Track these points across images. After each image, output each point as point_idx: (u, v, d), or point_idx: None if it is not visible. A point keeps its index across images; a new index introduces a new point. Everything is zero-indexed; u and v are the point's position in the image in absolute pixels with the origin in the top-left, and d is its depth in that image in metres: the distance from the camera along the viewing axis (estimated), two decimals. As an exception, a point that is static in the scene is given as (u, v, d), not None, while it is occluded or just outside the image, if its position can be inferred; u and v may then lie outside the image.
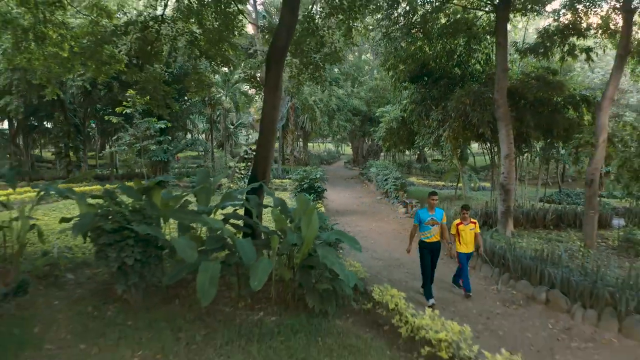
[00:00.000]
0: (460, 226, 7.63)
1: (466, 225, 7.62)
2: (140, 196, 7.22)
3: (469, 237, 7.59)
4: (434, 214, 7.28)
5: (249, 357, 5.39)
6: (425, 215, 7.27)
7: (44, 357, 5.26)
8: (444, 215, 7.44)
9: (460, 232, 7.62)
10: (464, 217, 7.61)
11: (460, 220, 7.67)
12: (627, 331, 5.97)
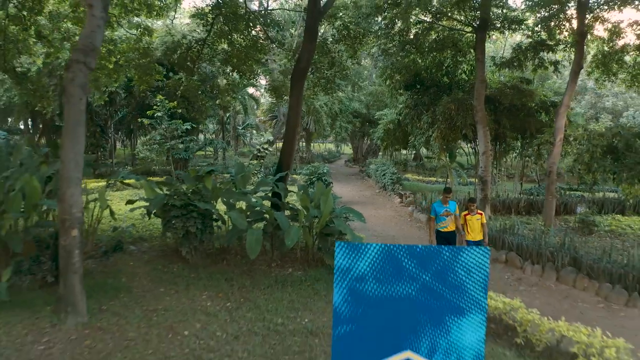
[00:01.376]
0: (467, 217, 8.18)
1: (473, 215, 8.16)
2: (196, 182, 9.15)
3: (476, 226, 8.13)
4: (447, 206, 8.11)
5: (285, 294, 7.34)
6: (440, 208, 8.10)
7: (135, 297, 7.16)
8: (457, 207, 8.26)
9: (467, 222, 8.16)
10: (471, 209, 8.16)
11: (467, 212, 8.24)
12: (562, 279, 7.93)
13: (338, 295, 2.80)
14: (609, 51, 15.49)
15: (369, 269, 2.78)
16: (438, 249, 2.82)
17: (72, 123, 5.86)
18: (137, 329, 5.90)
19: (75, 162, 5.91)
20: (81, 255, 6.08)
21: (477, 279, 2.73)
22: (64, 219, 5.91)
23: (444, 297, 2.72)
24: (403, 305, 2.75)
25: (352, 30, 10.54)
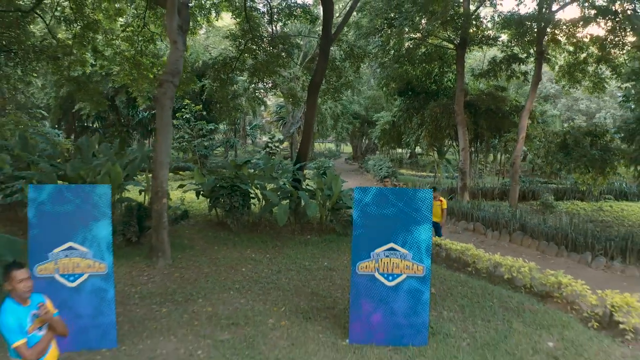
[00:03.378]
0: None
1: (435, 201, 9.21)
2: (234, 169, 11.47)
3: (437, 211, 9.35)
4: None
5: (307, 249, 9.66)
6: None
7: (198, 251, 9.44)
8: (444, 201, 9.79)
9: None
10: (434, 196, 9.09)
11: None
12: (513, 240, 10.30)
13: (355, 214, 5.17)
14: (573, 62, 17.76)
15: (371, 200, 5.14)
16: (406, 190, 5.18)
17: (164, 124, 8.20)
18: (209, 267, 8.24)
19: (166, 152, 8.25)
20: (167, 217, 8.41)
21: (426, 205, 5.08)
22: (157, 191, 8.24)
23: (409, 215, 5.07)
24: (388, 219, 5.10)
25: (356, 51, 12.91)
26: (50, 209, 4.95)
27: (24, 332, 2.83)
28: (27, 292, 2.90)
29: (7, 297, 2.92)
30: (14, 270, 2.89)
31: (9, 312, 2.83)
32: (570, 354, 5.02)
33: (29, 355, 2.80)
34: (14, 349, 2.80)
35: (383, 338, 5.15)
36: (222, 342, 5.14)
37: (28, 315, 2.89)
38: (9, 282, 2.87)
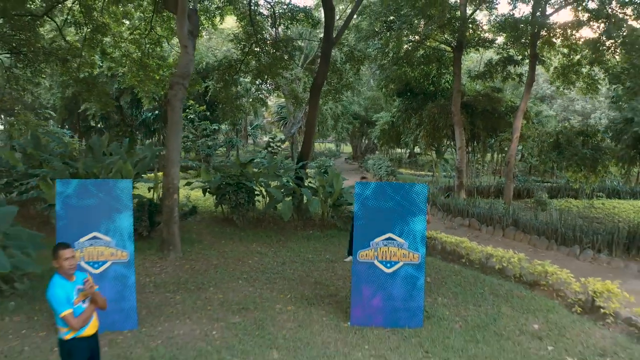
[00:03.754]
0: None
1: None
2: (240, 167, 11.88)
3: None
4: None
5: (310, 243, 10.08)
6: None
7: (206, 245, 9.86)
8: None
9: None
10: None
11: None
12: (506, 235, 10.72)
13: (356, 206, 5.59)
14: (567, 64, 18.15)
15: (371, 193, 5.56)
16: (403, 185, 5.60)
17: (174, 124, 8.62)
18: (217, 259, 8.66)
19: (176, 150, 8.67)
20: (178, 212, 8.83)
21: (421, 199, 5.51)
22: (168, 187, 8.66)
23: (405, 207, 5.50)
24: (386, 211, 5.52)
25: (356, 54, 13.34)
26: (76, 202, 5.37)
27: (71, 303, 3.24)
28: (72, 269, 3.32)
29: (55, 274, 3.34)
30: (61, 249, 3.31)
31: (58, 286, 3.25)
32: (553, 335, 5.44)
33: (74, 323, 3.22)
34: (62, 318, 3.21)
35: (382, 320, 5.57)
36: (234, 324, 5.56)
37: (74, 289, 3.30)
38: (57, 260, 3.29)
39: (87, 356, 3.36)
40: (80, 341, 3.29)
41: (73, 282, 3.32)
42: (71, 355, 3.26)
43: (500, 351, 5.01)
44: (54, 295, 3.19)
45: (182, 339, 5.20)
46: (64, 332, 3.26)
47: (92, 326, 3.38)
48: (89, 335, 3.35)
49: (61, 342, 3.29)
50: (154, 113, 31.22)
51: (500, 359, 4.84)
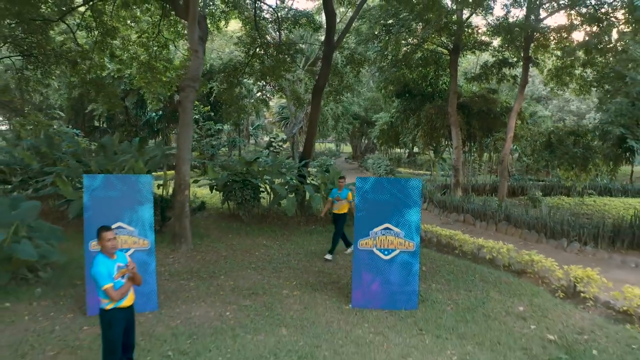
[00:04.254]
0: None
1: None
2: (245, 165, 12.37)
3: None
4: (341, 192, 8.70)
5: (313, 237, 10.57)
6: (334, 193, 8.83)
7: (214, 239, 10.34)
8: (349, 193, 8.71)
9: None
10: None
11: None
12: (499, 229, 11.22)
13: (357, 199, 6.09)
14: (561, 66, 18.63)
15: (370, 187, 6.06)
16: (399, 180, 6.10)
17: (186, 124, 9.11)
18: (226, 251, 9.16)
19: (187, 149, 9.15)
20: (189, 207, 9.31)
21: (416, 192, 6.00)
22: (180, 184, 9.14)
23: (401, 199, 5.99)
24: (384, 203, 6.01)
25: (356, 57, 13.84)
26: (102, 194, 5.86)
27: (111, 278, 3.73)
28: (113, 248, 3.81)
29: (98, 253, 3.83)
30: (104, 231, 3.80)
31: (101, 263, 3.73)
32: (536, 316, 5.93)
33: (115, 295, 3.71)
34: (104, 290, 3.70)
35: (380, 303, 6.07)
36: (246, 307, 6.06)
37: (114, 266, 3.79)
38: (101, 241, 3.78)
39: (124, 325, 3.85)
40: (119, 311, 3.78)
41: (114, 260, 3.81)
42: (111, 323, 3.75)
43: (487, 330, 5.51)
44: (98, 271, 3.67)
45: (199, 319, 5.69)
46: (105, 303, 3.75)
47: (129, 299, 3.87)
48: (126, 307, 3.84)
49: (102, 312, 3.78)
50: (158, 113, 31.72)
51: (487, 336, 5.33)
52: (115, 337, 3.77)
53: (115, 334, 3.76)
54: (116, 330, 3.76)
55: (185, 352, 4.76)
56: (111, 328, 3.77)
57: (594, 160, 14.33)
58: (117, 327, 3.78)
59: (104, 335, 3.80)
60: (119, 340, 3.80)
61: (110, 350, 3.78)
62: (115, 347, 3.78)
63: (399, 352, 4.86)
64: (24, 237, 7.06)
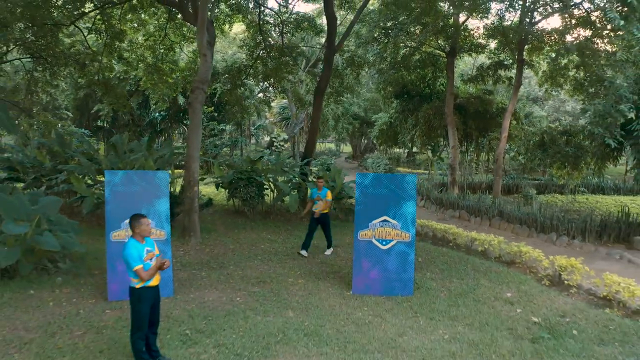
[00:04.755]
0: None
1: None
2: (250, 164, 12.83)
3: None
4: (320, 192, 8.63)
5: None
6: (314, 193, 8.79)
7: (221, 233, 10.79)
8: (328, 193, 8.68)
9: None
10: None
11: None
12: (492, 224, 11.69)
13: (357, 193, 6.55)
14: (555, 68, 19.07)
15: (369, 182, 6.52)
16: (396, 175, 6.56)
17: (195, 124, 9.57)
18: (233, 244, 9.62)
19: (197, 147, 9.61)
20: (198, 202, 9.77)
21: (411, 187, 6.46)
22: (189, 180, 9.60)
23: (398, 194, 6.46)
24: (382, 197, 6.48)
25: (356, 60, 14.33)
26: (122, 189, 6.33)
27: (142, 260, 4.19)
28: (147, 234, 4.30)
29: (130, 238, 4.30)
30: (144, 218, 4.29)
31: (132, 246, 4.20)
32: (523, 301, 6.40)
33: (144, 275, 4.17)
34: (135, 271, 4.16)
35: (378, 289, 6.53)
36: (254, 293, 6.52)
37: (143, 250, 4.26)
38: (139, 226, 4.25)
39: (152, 302, 4.31)
40: (147, 290, 4.24)
41: (143, 245, 4.28)
42: (140, 300, 4.21)
43: (477, 313, 5.97)
44: (130, 253, 4.14)
45: (212, 303, 6.15)
46: (135, 282, 4.21)
47: (155, 279, 4.33)
48: (153, 286, 4.31)
49: (132, 290, 4.24)
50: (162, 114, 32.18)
51: (476, 318, 5.79)
52: (143, 313, 4.23)
53: (143, 310, 4.23)
54: (144, 306, 4.23)
55: (201, 330, 5.22)
56: (140, 304, 4.23)
57: (586, 159, 14.76)
58: (145, 304, 4.25)
59: (133, 311, 4.26)
60: (147, 316, 4.26)
61: (138, 326, 4.24)
62: (143, 322, 4.24)
63: (396, 332, 5.32)
64: (46, 229, 7.52)
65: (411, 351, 4.82)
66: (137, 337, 4.21)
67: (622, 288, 6.17)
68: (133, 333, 4.28)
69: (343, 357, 4.60)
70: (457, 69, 21.37)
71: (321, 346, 4.84)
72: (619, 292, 6.22)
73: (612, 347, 5.11)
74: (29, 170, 13.44)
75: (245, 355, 4.59)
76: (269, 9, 15.02)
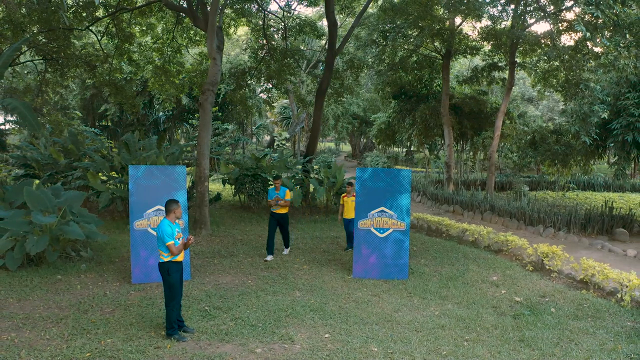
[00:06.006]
0: (345, 198, 8.68)
1: (349, 197, 8.52)
2: (255, 161, 13.41)
3: (351, 207, 8.24)
4: (278, 192, 8.26)
5: (317, 225, 11.60)
6: (272, 194, 8.40)
7: (229, 226, 11.35)
8: (287, 192, 8.34)
9: (345, 202, 8.66)
10: (349, 191, 8.60)
11: (345, 194, 8.77)
12: (484, 218, 12.28)
13: (357, 186, 7.14)
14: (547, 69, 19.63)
15: (368, 176, 7.12)
16: (393, 170, 7.17)
17: (205, 123, 10.15)
18: (241, 236, 10.20)
19: (206, 145, 10.20)
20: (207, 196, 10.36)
21: (406, 180, 7.05)
22: (200, 176, 10.18)
23: (395, 187, 7.05)
24: (380, 190, 7.07)
25: (356, 62, 14.95)
26: (144, 182, 6.90)
27: (173, 237, 4.81)
28: (180, 216, 4.95)
29: (164, 219, 4.92)
30: (178, 203, 4.97)
31: (167, 225, 4.82)
32: (507, 284, 7.00)
33: (174, 250, 4.78)
34: (167, 246, 4.77)
35: (377, 274, 7.12)
36: (264, 277, 7.12)
37: (175, 229, 4.88)
38: (175, 209, 4.88)
39: (179, 275, 4.93)
40: (175, 264, 4.88)
41: (175, 224, 4.92)
42: (170, 272, 4.84)
43: (465, 293, 6.57)
44: (164, 230, 4.77)
45: (226, 285, 6.75)
46: (165, 256, 4.85)
47: (181, 255, 4.97)
48: (179, 261, 4.95)
49: (161, 264, 4.88)
50: (166, 113, 32.72)
51: (464, 298, 6.39)
52: (174, 281, 4.85)
53: (174, 280, 4.84)
54: (174, 276, 4.85)
55: (219, 307, 5.81)
56: (170, 276, 4.84)
57: (575, 157, 15.35)
58: (174, 275, 4.87)
59: (165, 283, 4.87)
60: (178, 284, 4.88)
61: (172, 295, 4.84)
62: (176, 290, 4.86)
63: (392, 308, 5.91)
64: (71, 220, 8.10)
65: (405, 324, 5.40)
66: (172, 305, 4.82)
67: (597, 272, 6.76)
68: (168, 303, 4.86)
69: (345, 328, 5.19)
70: (453, 70, 21.95)
71: (326, 319, 5.43)
72: (594, 276, 6.81)
73: (585, 321, 5.70)
74: (45, 167, 14.01)
75: (260, 326, 5.18)
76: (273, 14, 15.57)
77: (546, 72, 19.58)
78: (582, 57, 12.12)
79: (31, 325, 5.20)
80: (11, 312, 5.57)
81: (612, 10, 8.67)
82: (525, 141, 15.52)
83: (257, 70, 15.36)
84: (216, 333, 5.00)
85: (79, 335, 4.91)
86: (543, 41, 15.62)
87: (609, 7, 8.70)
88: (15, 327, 5.11)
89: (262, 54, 14.81)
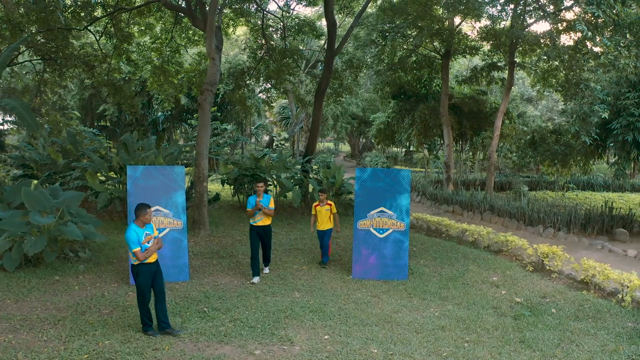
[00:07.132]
0: (317, 207, 7.81)
1: (322, 206, 7.73)
2: (254, 161, 13.37)
3: (324, 216, 7.68)
4: (261, 199, 7.02)
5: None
6: (253, 202, 7.08)
7: (228, 227, 11.31)
8: (272, 200, 7.23)
9: (317, 212, 7.79)
10: (321, 200, 7.76)
11: (317, 202, 7.89)
12: (484, 218, 12.25)
13: (357, 186, 7.11)
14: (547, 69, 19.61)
15: (367, 176, 7.09)
16: (392, 170, 7.14)
17: (204, 123, 10.11)
18: (240, 236, 10.16)
19: (206, 146, 10.16)
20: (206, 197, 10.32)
21: (406, 180, 7.02)
22: (199, 176, 10.14)
23: (394, 187, 7.02)
24: (379, 190, 7.04)
25: (355, 62, 14.92)
26: (142, 182, 6.87)
27: (139, 243, 4.82)
28: (149, 221, 4.99)
29: (131, 223, 4.94)
30: (148, 208, 4.97)
31: (132, 231, 4.85)
32: (507, 284, 6.97)
33: (140, 256, 4.80)
34: (133, 252, 4.79)
35: (376, 274, 7.09)
36: (263, 277, 7.08)
37: (142, 234, 4.87)
38: (144, 214, 4.88)
39: (151, 275, 5.01)
40: (145, 266, 4.95)
41: (143, 229, 4.96)
42: (138, 274, 4.95)
43: (465, 294, 6.54)
44: (129, 237, 4.84)
45: (225, 286, 6.71)
46: (133, 260, 4.93)
47: (152, 257, 5.04)
48: (151, 262, 5.01)
49: (132, 266, 5.00)
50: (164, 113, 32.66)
51: (465, 299, 6.36)
52: (143, 284, 4.96)
53: (142, 282, 4.96)
54: (143, 279, 4.95)
55: (217, 308, 5.78)
56: (139, 278, 4.96)
57: (574, 157, 15.34)
58: (143, 277, 4.95)
59: (136, 283, 5.03)
60: (146, 286, 4.99)
61: (141, 294, 5.00)
62: (144, 290, 5.00)
63: (391, 309, 5.88)
64: (69, 220, 8.06)
65: (405, 325, 5.37)
66: (141, 303, 5.01)
67: (598, 272, 6.74)
68: (138, 301, 5.05)
69: (345, 329, 5.16)
70: (452, 70, 21.93)
71: (325, 320, 5.40)
72: (595, 276, 6.78)
73: (585, 322, 5.68)
74: (43, 167, 13.96)
75: (259, 328, 5.14)
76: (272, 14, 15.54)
77: (546, 72, 19.57)
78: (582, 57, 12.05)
79: (29, 326, 5.15)
80: (8, 313, 5.53)
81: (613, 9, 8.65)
82: (524, 141, 15.52)
83: (256, 70, 15.32)
84: (215, 334, 4.97)
85: (77, 337, 4.88)
86: (542, 41, 15.59)
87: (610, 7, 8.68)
88: (12, 329, 5.07)
89: (261, 54, 14.76)
